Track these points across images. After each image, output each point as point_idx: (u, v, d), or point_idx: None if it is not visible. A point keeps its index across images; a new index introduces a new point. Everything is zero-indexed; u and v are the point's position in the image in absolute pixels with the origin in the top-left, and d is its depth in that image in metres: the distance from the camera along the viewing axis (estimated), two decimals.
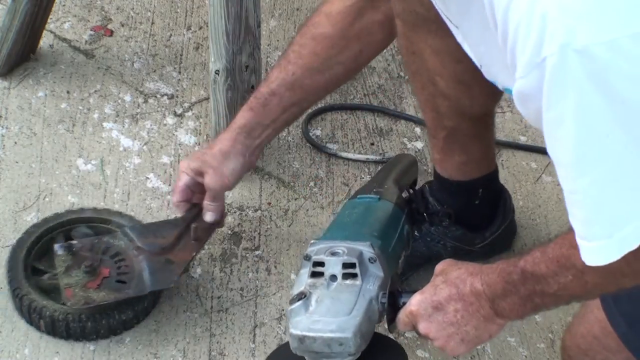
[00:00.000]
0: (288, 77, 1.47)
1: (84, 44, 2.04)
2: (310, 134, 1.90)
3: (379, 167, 1.80)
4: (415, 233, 1.58)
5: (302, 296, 1.23)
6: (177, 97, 1.96)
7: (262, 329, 1.57)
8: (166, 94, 1.96)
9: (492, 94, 1.45)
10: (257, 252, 1.68)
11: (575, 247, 1.01)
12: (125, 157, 1.82)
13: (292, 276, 1.65)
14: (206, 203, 1.54)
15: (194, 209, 1.56)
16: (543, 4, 0.89)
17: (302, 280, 1.27)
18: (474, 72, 1.22)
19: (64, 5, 2.11)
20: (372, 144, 1.91)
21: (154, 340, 1.53)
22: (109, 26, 2.09)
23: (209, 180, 1.50)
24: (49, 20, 1.97)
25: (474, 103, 1.46)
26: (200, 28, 2.11)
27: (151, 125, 1.89)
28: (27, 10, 1.83)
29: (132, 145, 1.84)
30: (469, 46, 1.17)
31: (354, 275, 1.25)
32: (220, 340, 1.55)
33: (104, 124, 1.88)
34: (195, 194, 1.54)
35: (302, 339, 1.20)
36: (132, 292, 1.50)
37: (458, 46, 1.20)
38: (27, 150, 1.80)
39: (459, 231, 1.61)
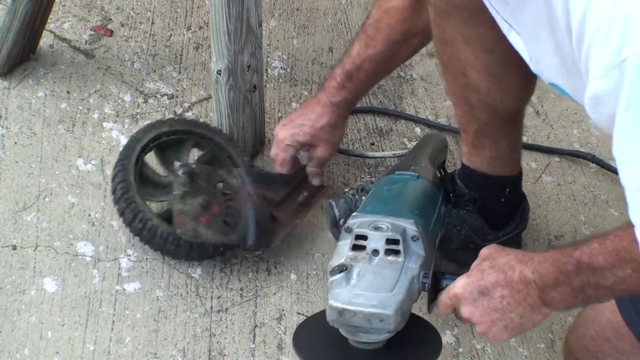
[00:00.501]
0: (370, 52, 1.58)
1: (84, 44, 2.04)
2: None
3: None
4: None
5: (344, 268, 1.21)
6: (177, 97, 1.96)
7: (262, 329, 1.57)
8: (166, 94, 1.96)
9: (523, 89, 1.46)
10: (257, 252, 1.68)
11: (636, 241, 1.00)
12: None
13: (292, 276, 1.65)
14: (313, 170, 1.70)
15: (300, 172, 1.67)
16: (626, 6, 0.89)
17: (342, 252, 1.25)
18: (505, 64, 1.24)
19: (64, 5, 2.11)
20: (372, 143, 1.91)
21: (154, 340, 1.53)
22: (109, 26, 2.09)
23: (322, 152, 1.67)
24: (49, 20, 1.97)
25: (504, 97, 1.45)
26: (200, 28, 2.11)
27: None
28: (27, 10, 1.83)
29: None
30: (520, 39, 1.16)
31: (396, 252, 1.23)
32: (220, 340, 1.55)
33: (104, 124, 1.88)
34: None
35: (341, 312, 1.18)
36: (235, 239, 1.57)
37: (490, 36, 1.20)
38: (27, 150, 1.80)
39: (479, 221, 1.61)
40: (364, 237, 1.25)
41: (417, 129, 1.96)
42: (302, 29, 2.15)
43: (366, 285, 1.20)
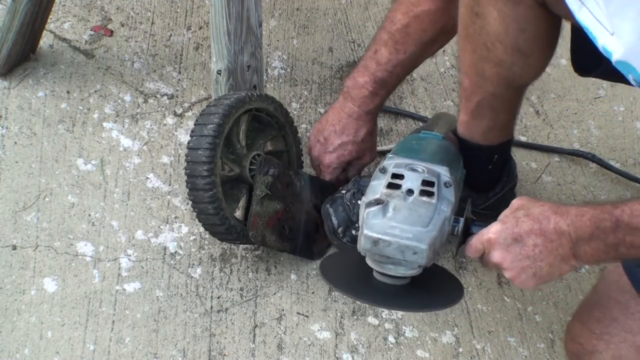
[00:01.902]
0: (401, 56, 1.60)
1: (84, 44, 2.03)
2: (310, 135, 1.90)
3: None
4: None
5: (380, 202, 1.25)
6: (177, 97, 1.96)
7: (262, 329, 1.57)
8: (166, 94, 1.96)
9: (543, 67, 1.48)
10: (257, 252, 1.68)
11: None
12: (125, 157, 1.82)
13: (292, 276, 1.65)
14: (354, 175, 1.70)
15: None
16: None
17: (377, 190, 1.29)
18: (534, 44, 1.29)
19: (64, 5, 2.11)
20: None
21: (154, 340, 1.53)
22: (109, 26, 2.09)
23: (367, 159, 1.73)
24: (49, 20, 1.97)
25: (524, 73, 1.47)
26: (200, 28, 2.11)
27: (151, 125, 1.89)
28: (27, 10, 1.83)
29: (132, 145, 1.84)
30: (593, 16, 1.14)
31: (430, 194, 1.27)
32: (220, 340, 1.55)
33: (104, 124, 1.88)
34: None
35: (376, 242, 1.22)
36: (289, 248, 1.60)
37: (527, 15, 1.26)
38: (27, 150, 1.80)
39: (464, 192, 1.62)
40: (401, 177, 1.29)
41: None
42: (302, 29, 2.15)
43: (402, 219, 1.24)
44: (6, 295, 1.56)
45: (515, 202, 1.26)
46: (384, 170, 1.31)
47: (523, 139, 1.96)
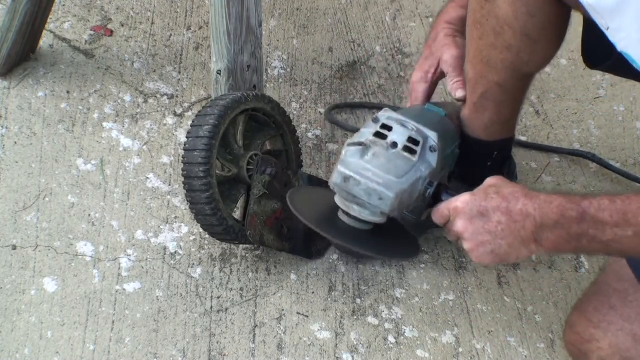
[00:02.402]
0: None
1: (84, 44, 2.04)
2: (310, 135, 1.90)
3: None
4: None
5: (362, 144, 1.27)
6: (177, 97, 1.96)
7: (262, 329, 1.57)
8: (166, 94, 1.96)
9: (551, 55, 1.48)
10: (257, 252, 1.68)
11: None
12: (125, 157, 1.82)
13: (292, 276, 1.65)
14: (454, 82, 1.56)
15: None
16: None
17: (364, 135, 1.31)
18: (543, 29, 1.30)
19: (64, 5, 2.11)
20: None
21: (153, 340, 1.53)
22: (109, 26, 2.09)
23: (447, 55, 1.55)
24: (49, 20, 1.97)
25: (532, 59, 1.47)
26: (200, 28, 2.11)
27: (151, 125, 1.89)
28: (27, 10, 1.83)
29: (132, 145, 1.84)
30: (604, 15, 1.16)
31: (412, 152, 1.29)
32: (220, 340, 1.55)
33: (104, 124, 1.88)
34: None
35: (347, 178, 1.24)
36: (288, 247, 1.60)
37: (536, 1, 1.25)
38: (27, 150, 1.80)
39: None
40: (389, 128, 1.31)
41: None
42: (302, 29, 2.15)
43: (378, 165, 1.25)
44: (6, 295, 1.56)
45: (489, 180, 1.27)
46: (376, 120, 1.33)
47: (523, 139, 1.96)
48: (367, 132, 1.33)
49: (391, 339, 1.59)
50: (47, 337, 1.51)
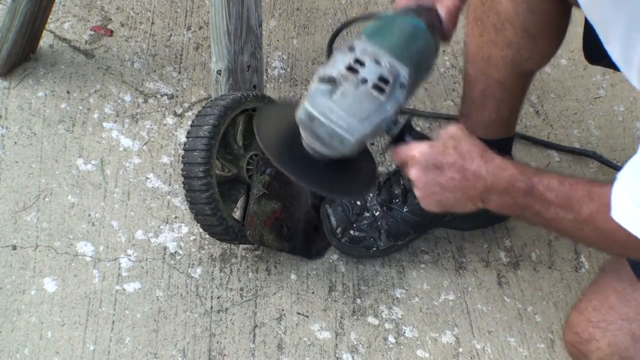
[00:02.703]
0: None
1: (84, 44, 2.03)
2: None
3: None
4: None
5: (332, 82, 1.27)
6: (177, 97, 1.96)
7: (262, 329, 1.57)
8: (166, 94, 1.96)
9: (551, 53, 1.49)
10: (257, 252, 1.68)
11: (592, 199, 1.10)
12: (125, 157, 1.82)
13: (292, 276, 1.65)
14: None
15: None
16: None
17: (337, 66, 1.29)
18: (544, 27, 1.32)
19: (64, 5, 2.11)
20: (372, 143, 1.91)
21: (153, 340, 1.53)
22: (109, 26, 2.09)
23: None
24: (49, 20, 1.97)
25: (531, 57, 1.48)
26: (200, 28, 2.11)
27: (151, 125, 1.89)
28: (27, 10, 1.83)
29: (132, 145, 1.84)
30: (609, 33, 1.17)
31: (381, 90, 1.28)
32: (220, 340, 1.55)
33: (104, 124, 1.88)
34: None
35: (312, 118, 1.25)
36: (287, 247, 1.60)
37: None
38: (27, 150, 1.80)
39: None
40: (362, 64, 1.29)
41: (417, 129, 1.95)
42: (302, 29, 2.15)
43: (344, 106, 1.26)
44: (6, 295, 1.56)
45: (451, 129, 1.28)
46: (351, 49, 1.31)
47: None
48: (340, 63, 1.30)
49: (391, 339, 1.59)
50: (47, 337, 1.51)
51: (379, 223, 1.67)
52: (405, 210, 1.67)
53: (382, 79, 1.29)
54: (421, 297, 1.66)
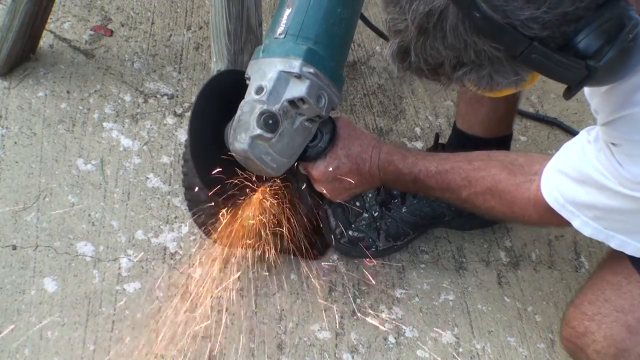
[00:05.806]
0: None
1: (84, 44, 2.03)
2: None
3: None
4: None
5: (275, 124, 1.30)
6: (177, 97, 1.96)
7: (262, 329, 1.57)
8: (166, 94, 1.96)
9: None
10: (257, 253, 1.68)
11: (470, 183, 1.33)
12: (125, 157, 1.82)
13: (292, 276, 1.65)
14: None
15: None
16: None
17: (280, 97, 1.30)
18: None
19: (64, 5, 2.11)
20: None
21: (154, 340, 1.53)
22: (109, 26, 2.09)
23: None
24: (49, 20, 1.97)
25: None
26: (200, 28, 2.11)
27: (151, 125, 1.89)
28: (27, 10, 1.83)
29: (132, 145, 1.84)
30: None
31: (313, 122, 1.36)
32: (221, 340, 1.55)
33: (104, 124, 1.88)
34: None
35: (247, 158, 1.31)
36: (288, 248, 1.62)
37: None
38: (27, 150, 1.80)
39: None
40: (303, 101, 1.31)
41: (417, 129, 1.95)
42: None
43: (279, 149, 1.33)
44: (6, 295, 1.56)
45: (341, 133, 1.42)
46: (299, 77, 1.30)
47: (523, 139, 1.96)
48: (288, 92, 1.30)
49: (391, 339, 1.59)
50: (47, 337, 1.51)
51: (377, 223, 1.67)
52: (404, 210, 1.67)
53: (317, 115, 1.34)
54: (421, 297, 1.66)
